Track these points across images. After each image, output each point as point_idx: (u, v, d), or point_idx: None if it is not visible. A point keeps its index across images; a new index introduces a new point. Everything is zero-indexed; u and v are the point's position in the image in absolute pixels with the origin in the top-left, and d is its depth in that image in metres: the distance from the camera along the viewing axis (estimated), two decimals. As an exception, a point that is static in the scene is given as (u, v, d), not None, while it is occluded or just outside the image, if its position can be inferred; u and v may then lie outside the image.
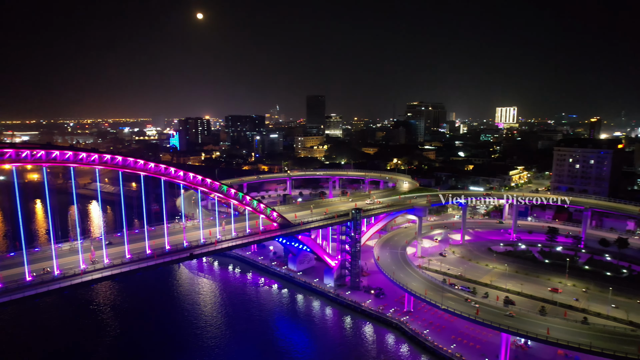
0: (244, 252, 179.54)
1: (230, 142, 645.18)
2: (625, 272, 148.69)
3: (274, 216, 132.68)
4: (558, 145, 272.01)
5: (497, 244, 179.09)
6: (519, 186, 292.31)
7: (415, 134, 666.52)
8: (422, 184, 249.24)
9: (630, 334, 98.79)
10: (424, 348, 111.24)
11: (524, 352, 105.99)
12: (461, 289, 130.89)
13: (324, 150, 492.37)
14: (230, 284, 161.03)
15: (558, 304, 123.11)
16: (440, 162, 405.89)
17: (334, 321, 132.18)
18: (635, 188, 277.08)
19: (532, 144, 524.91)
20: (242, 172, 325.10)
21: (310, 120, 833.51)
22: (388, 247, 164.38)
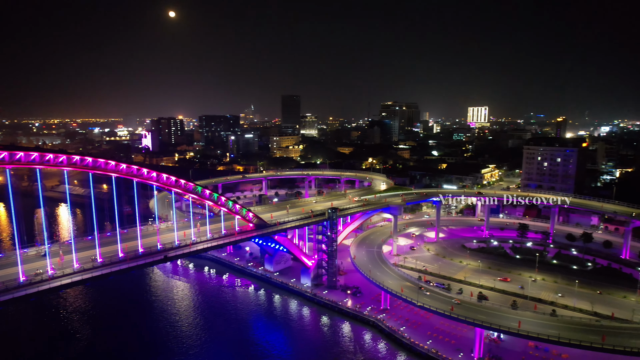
0: (219, 253, 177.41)
1: (204, 142, 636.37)
2: (590, 265, 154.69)
3: (250, 217, 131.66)
4: (527, 144, 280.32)
5: (470, 241, 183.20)
6: (491, 184, 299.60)
7: (389, 134, 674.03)
8: (397, 183, 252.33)
9: (595, 324, 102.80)
10: (400, 345, 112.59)
11: (497, 345, 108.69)
12: (436, 285, 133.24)
13: (299, 150, 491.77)
14: (206, 286, 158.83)
15: (529, 297, 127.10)
16: (415, 161, 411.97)
17: (311, 321, 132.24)
18: (599, 185, 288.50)
19: (502, 142, 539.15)
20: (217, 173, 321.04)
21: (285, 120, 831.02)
22: (364, 246, 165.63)
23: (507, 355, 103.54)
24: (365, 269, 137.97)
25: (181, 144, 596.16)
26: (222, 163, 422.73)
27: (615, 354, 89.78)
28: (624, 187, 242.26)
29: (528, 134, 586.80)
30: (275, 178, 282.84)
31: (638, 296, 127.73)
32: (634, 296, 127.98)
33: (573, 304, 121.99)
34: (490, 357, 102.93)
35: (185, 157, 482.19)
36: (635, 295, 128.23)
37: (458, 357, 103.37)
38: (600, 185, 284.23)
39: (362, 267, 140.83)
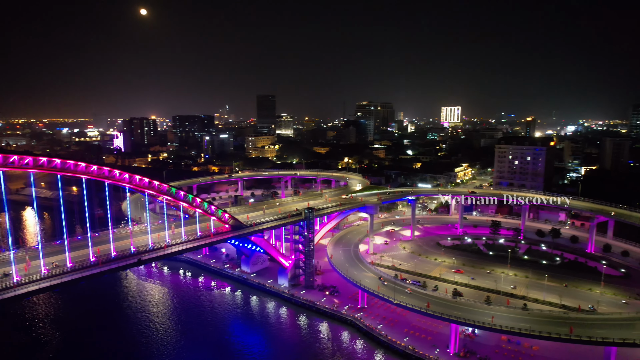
0: (195, 255, 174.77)
1: (178, 142, 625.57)
2: (558, 259, 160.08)
3: (226, 218, 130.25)
4: (499, 143, 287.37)
5: (445, 239, 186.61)
6: (464, 182, 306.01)
7: (365, 133, 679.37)
8: (373, 182, 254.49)
9: (563, 316, 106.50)
10: (378, 343, 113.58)
11: (472, 340, 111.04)
12: (412, 283, 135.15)
13: (275, 150, 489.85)
14: (181, 288, 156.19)
15: (502, 293, 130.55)
16: (390, 160, 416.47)
17: (289, 321, 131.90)
18: (566, 182, 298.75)
19: (475, 142, 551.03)
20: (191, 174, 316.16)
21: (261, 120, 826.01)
22: (341, 245, 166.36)
23: (481, 350, 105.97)
24: (342, 268, 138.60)
25: (154, 145, 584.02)
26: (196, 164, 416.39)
27: (582, 344, 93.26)
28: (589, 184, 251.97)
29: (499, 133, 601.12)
30: (251, 178, 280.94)
31: (602, 288, 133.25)
32: (598, 288, 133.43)
33: (543, 298, 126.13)
34: (465, 352, 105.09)
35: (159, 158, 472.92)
36: (599, 287, 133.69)
37: (434, 353, 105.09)
38: (567, 183, 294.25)
39: (339, 266, 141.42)
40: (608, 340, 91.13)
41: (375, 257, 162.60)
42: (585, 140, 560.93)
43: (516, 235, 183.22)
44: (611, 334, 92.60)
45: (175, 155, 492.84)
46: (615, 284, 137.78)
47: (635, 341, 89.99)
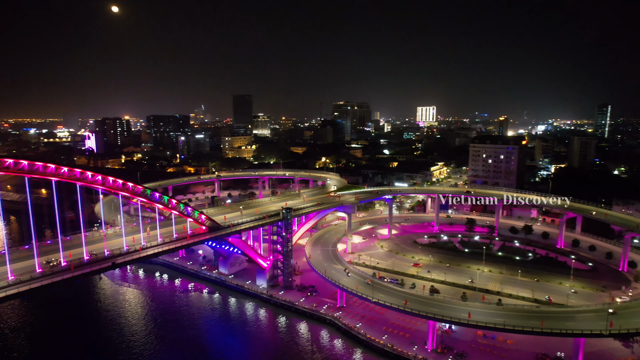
0: (171, 257, 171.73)
1: (153, 143, 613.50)
2: (531, 255, 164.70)
3: (203, 219, 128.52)
4: (473, 142, 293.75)
5: (421, 237, 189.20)
6: (440, 181, 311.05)
7: (342, 133, 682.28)
8: (350, 182, 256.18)
9: (535, 310, 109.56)
10: (357, 341, 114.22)
11: (449, 336, 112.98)
12: (390, 281, 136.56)
13: (252, 151, 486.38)
14: (157, 292, 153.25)
15: (477, 289, 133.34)
16: (367, 160, 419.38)
17: (268, 322, 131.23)
18: (537, 180, 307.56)
19: (450, 141, 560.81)
20: (166, 175, 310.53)
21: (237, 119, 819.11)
22: (319, 245, 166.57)
23: (458, 345, 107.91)
24: (320, 268, 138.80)
25: (128, 146, 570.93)
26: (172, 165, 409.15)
27: (553, 336, 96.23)
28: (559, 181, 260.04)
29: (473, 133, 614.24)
30: (228, 179, 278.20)
31: (571, 282, 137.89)
32: (568, 282, 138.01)
33: (516, 293, 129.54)
34: (442, 348, 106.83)
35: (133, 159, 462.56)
36: (568, 281, 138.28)
37: (412, 350, 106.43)
38: (539, 180, 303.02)
39: (318, 266, 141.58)
40: (577, 332, 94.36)
41: (354, 256, 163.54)
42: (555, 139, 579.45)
43: (490, 232, 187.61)
44: (580, 326, 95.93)
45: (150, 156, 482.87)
46: (583, 277, 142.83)
47: (602, 331, 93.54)
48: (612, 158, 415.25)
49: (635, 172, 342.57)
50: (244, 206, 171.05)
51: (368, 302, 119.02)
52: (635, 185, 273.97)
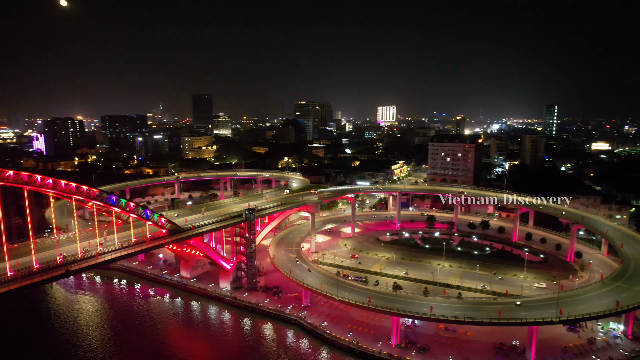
0: (130, 262, 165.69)
1: (108, 144, 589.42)
2: (488, 249, 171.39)
3: (162, 222, 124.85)
4: (432, 140, 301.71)
5: (384, 234, 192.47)
6: (401, 179, 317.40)
7: (304, 133, 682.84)
8: (313, 181, 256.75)
9: (493, 302, 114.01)
10: (323, 340, 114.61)
11: (412, 331, 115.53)
12: (354, 279, 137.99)
13: (213, 151, 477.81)
14: (116, 299, 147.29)
15: (438, 283, 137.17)
16: (329, 159, 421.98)
17: (232, 325, 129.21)
18: (493, 177, 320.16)
19: (410, 140, 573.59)
20: (123, 177, 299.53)
21: (197, 119, 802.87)
22: (283, 245, 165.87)
23: (421, 339, 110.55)
24: (285, 268, 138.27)
25: (82, 147, 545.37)
26: (129, 166, 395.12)
27: (509, 325, 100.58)
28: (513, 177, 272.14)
29: (432, 132, 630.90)
30: (189, 180, 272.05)
31: (525, 274, 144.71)
32: (522, 274, 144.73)
33: (475, 286, 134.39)
34: (406, 342, 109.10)
35: (87, 161, 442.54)
36: (523, 273, 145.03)
37: (377, 346, 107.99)
38: (494, 177, 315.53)
39: (282, 266, 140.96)
40: (530, 321, 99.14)
41: (318, 256, 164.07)
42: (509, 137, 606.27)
43: (450, 228, 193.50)
44: (533, 315, 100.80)
45: (106, 158, 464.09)
46: (535, 268, 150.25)
47: (552, 319, 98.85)
48: (560, 155, 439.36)
49: (579, 168, 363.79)
50: (206, 208, 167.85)
51: (333, 300, 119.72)
52: (580, 180, 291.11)
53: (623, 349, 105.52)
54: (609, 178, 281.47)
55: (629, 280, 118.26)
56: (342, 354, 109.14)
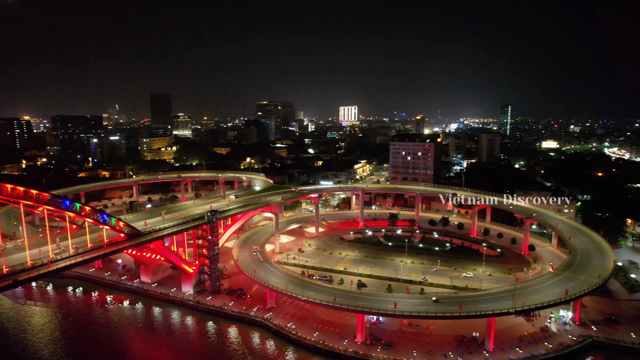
0: (86, 269, 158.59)
1: (60, 146, 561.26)
2: (448, 245, 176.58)
3: (120, 226, 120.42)
4: (393, 140, 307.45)
5: (347, 233, 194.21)
6: (363, 178, 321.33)
7: (266, 133, 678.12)
8: (276, 182, 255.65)
9: (454, 296, 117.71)
10: (289, 341, 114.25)
11: (377, 327, 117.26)
12: (319, 278, 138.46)
13: (173, 152, 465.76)
14: (70, 308, 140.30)
15: (401, 280, 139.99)
16: (292, 159, 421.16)
17: (196, 330, 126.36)
18: (452, 174, 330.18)
19: (371, 139, 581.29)
20: (78, 180, 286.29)
21: (155, 120, 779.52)
22: (247, 247, 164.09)
23: (386, 335, 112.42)
24: (249, 270, 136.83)
25: (30, 149, 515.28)
26: (83, 169, 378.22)
27: (469, 318, 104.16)
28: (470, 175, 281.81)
29: (393, 131, 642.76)
30: (148, 182, 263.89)
31: (484, 268, 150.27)
32: (481, 268, 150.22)
33: (437, 281, 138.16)
34: (372, 339, 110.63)
35: (37, 164, 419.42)
36: (482, 267, 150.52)
37: (343, 344, 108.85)
38: (453, 175, 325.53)
39: (246, 268, 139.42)
40: (489, 313, 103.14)
41: (282, 256, 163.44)
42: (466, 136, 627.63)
43: (411, 225, 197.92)
44: (491, 307, 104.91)
45: (58, 160, 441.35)
46: (493, 262, 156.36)
47: (509, 310, 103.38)
48: (514, 153, 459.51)
49: (532, 165, 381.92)
50: (166, 210, 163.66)
51: (298, 300, 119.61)
52: (532, 177, 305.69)
53: (572, 334, 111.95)
54: (557, 174, 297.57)
55: (576, 270, 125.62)
56: (308, 354, 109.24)
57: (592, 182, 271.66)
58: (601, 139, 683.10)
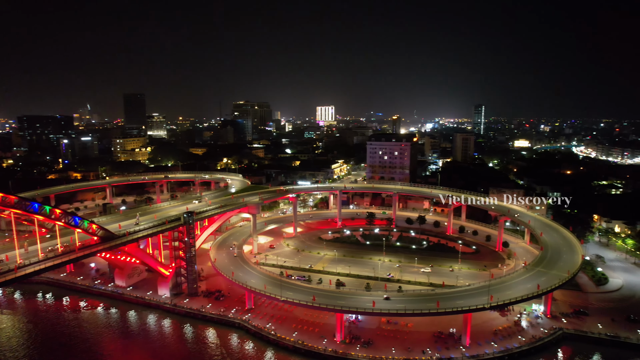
0: (57, 274, 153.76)
1: (27, 147, 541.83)
2: (425, 243, 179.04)
3: (93, 229, 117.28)
4: (369, 140, 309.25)
5: (326, 233, 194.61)
6: (341, 178, 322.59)
7: (243, 133, 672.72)
8: (254, 182, 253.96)
9: (431, 293, 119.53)
10: (268, 342, 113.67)
11: (356, 326, 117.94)
12: (297, 278, 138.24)
13: (147, 153, 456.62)
14: (41, 315, 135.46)
15: (380, 279, 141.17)
16: (269, 159, 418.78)
17: (173, 333, 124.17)
18: (428, 173, 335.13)
19: (348, 139, 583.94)
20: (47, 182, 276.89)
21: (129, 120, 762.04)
22: (224, 248, 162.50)
23: (364, 334, 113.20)
24: (227, 271, 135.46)
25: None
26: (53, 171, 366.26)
27: (446, 314, 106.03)
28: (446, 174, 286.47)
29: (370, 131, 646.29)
30: (122, 184, 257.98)
31: (459, 265, 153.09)
32: (457, 265, 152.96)
33: (414, 279, 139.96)
34: (350, 338, 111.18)
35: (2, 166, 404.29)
36: (457, 264, 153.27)
37: (322, 343, 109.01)
38: (429, 174, 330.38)
39: (224, 269, 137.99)
40: (465, 309, 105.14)
41: (260, 257, 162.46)
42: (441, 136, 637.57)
43: (389, 224, 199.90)
44: (467, 303, 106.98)
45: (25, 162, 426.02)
46: (468, 259, 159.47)
47: (484, 306, 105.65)
48: (487, 152, 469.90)
49: (505, 163, 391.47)
50: (141, 212, 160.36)
51: (277, 301, 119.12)
52: (505, 175, 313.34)
53: (543, 327, 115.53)
54: (529, 173, 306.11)
55: (547, 265, 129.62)
56: (287, 354, 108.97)
57: (561, 179, 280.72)
58: (569, 138, 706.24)
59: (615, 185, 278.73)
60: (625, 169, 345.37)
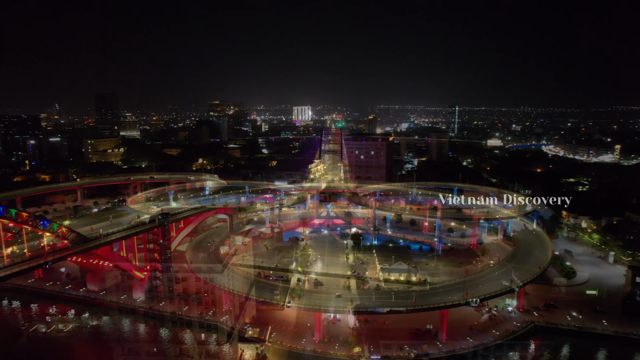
0: (24, 280, 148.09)
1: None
2: (402, 241, 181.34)
3: (64, 232, 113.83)
4: (346, 139, 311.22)
5: (303, 233, 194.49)
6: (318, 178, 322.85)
7: (219, 133, 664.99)
8: (230, 183, 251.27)
9: (408, 290, 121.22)
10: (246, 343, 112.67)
11: (334, 325, 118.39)
12: (275, 279, 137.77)
13: (120, 154, 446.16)
14: (5, 324, 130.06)
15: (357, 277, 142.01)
16: (246, 159, 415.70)
17: (149, 337, 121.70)
18: (404, 172, 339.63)
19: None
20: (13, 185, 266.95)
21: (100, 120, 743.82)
22: (201, 249, 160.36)
23: (343, 333, 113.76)
24: (203, 273, 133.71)
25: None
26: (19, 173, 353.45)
27: (423, 311, 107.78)
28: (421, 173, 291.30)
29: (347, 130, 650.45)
30: (93, 186, 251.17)
31: (435, 262, 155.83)
32: (433, 262, 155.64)
33: (392, 278, 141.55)
34: (329, 337, 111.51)
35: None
36: (433, 262, 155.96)
37: (301, 343, 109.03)
38: (405, 173, 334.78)
39: (200, 271, 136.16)
40: (441, 305, 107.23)
41: (238, 258, 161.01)
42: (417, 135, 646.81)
43: (366, 222, 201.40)
44: (443, 299, 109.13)
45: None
46: (445, 256, 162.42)
47: (460, 302, 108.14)
48: (462, 151, 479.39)
49: (478, 162, 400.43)
50: (114, 215, 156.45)
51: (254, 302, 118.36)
52: (479, 174, 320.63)
53: (516, 320, 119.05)
54: (502, 171, 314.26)
55: (520, 260, 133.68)
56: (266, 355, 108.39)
57: (532, 177, 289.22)
58: (539, 137, 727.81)
59: (582, 183, 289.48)
60: (590, 167, 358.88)
